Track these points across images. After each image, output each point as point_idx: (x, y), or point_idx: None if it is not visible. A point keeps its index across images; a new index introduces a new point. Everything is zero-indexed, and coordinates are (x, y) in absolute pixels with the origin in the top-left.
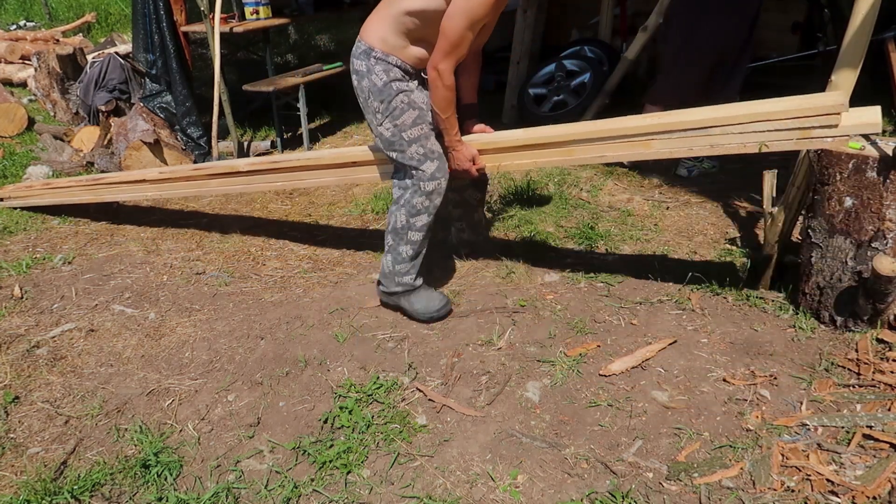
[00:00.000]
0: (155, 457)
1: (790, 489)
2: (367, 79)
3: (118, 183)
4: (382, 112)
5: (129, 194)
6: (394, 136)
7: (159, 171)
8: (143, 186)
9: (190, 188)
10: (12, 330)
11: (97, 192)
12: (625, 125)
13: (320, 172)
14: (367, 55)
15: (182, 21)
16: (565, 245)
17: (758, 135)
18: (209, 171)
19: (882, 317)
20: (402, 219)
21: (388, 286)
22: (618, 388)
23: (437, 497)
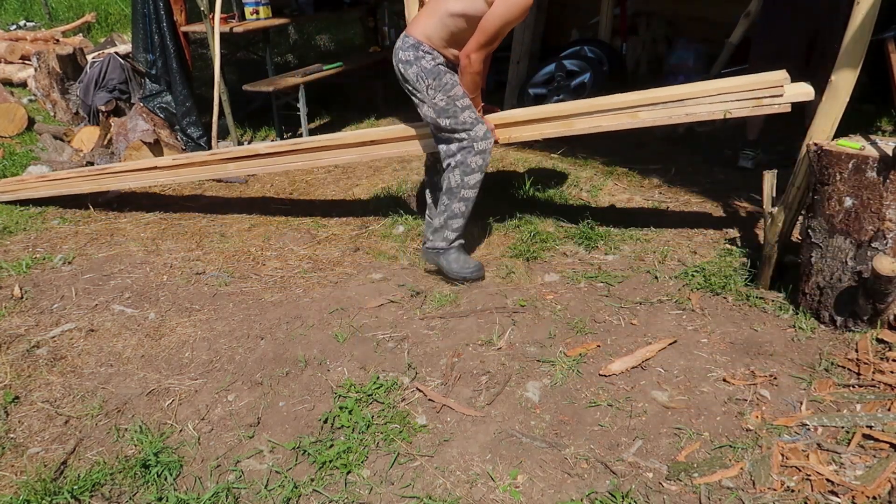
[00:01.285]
0: (155, 457)
1: (790, 489)
2: (416, 65)
3: (126, 171)
4: (435, 87)
5: (140, 182)
6: (448, 104)
7: (172, 158)
8: (155, 174)
9: (205, 173)
10: (12, 330)
11: (100, 181)
12: (616, 100)
13: (340, 151)
14: (416, 48)
15: (182, 21)
16: (565, 245)
17: (723, 104)
18: (227, 155)
19: (882, 317)
20: (457, 178)
21: (435, 241)
22: (618, 388)
23: (437, 497)
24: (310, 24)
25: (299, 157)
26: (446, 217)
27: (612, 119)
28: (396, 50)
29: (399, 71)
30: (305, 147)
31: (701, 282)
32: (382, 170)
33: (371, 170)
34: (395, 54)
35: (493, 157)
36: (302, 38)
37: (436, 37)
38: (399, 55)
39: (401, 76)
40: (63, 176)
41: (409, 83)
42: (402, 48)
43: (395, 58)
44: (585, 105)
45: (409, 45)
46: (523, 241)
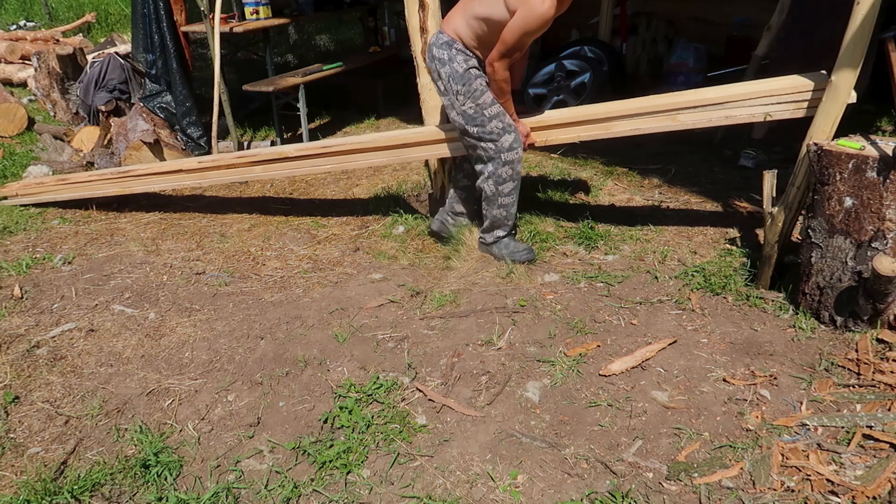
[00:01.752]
0: (155, 457)
1: (790, 489)
2: (449, 66)
3: (151, 174)
4: (464, 94)
5: (164, 185)
6: (476, 113)
7: (198, 161)
8: (180, 176)
9: (231, 176)
10: (12, 330)
11: (124, 184)
12: (655, 102)
13: (371, 154)
14: (449, 46)
15: (182, 21)
16: (565, 245)
17: (763, 107)
18: (254, 157)
19: (882, 317)
20: (492, 187)
21: (486, 238)
22: (618, 388)
23: (437, 497)
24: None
25: (329, 160)
26: (490, 221)
27: (652, 122)
28: (430, 46)
29: (434, 68)
30: (336, 150)
31: (701, 282)
32: (382, 170)
33: (371, 170)
34: (428, 50)
35: None
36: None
37: (465, 36)
38: (433, 52)
39: (435, 73)
40: (85, 178)
41: (441, 81)
42: (437, 45)
43: (428, 53)
44: (624, 108)
45: (444, 42)
46: (523, 241)
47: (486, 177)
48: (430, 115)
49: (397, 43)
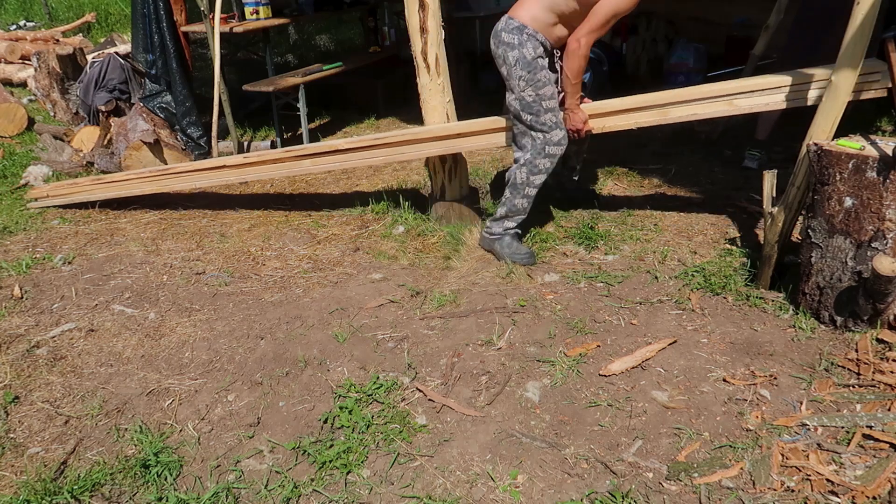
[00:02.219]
0: (155, 457)
1: (790, 489)
2: (518, 50)
3: (191, 171)
4: (527, 81)
5: (206, 182)
6: (535, 101)
7: (243, 157)
8: (223, 172)
9: (278, 170)
10: (12, 330)
11: (162, 182)
12: (711, 89)
13: (424, 145)
14: (520, 31)
15: (182, 21)
16: (565, 245)
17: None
18: (301, 151)
19: (882, 317)
20: (523, 176)
21: (493, 229)
22: (618, 388)
23: (437, 497)
24: (310, 24)
25: (381, 152)
26: (507, 210)
27: (708, 107)
28: (499, 31)
29: (500, 53)
30: (388, 141)
31: (701, 282)
32: (382, 170)
33: (371, 170)
34: (495, 35)
35: (493, 156)
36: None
37: (543, 17)
38: (502, 37)
39: (501, 58)
40: (120, 178)
41: (505, 66)
42: (506, 30)
43: (495, 38)
44: (680, 94)
45: (514, 27)
46: (523, 241)
47: (521, 164)
48: (430, 114)
49: (397, 43)
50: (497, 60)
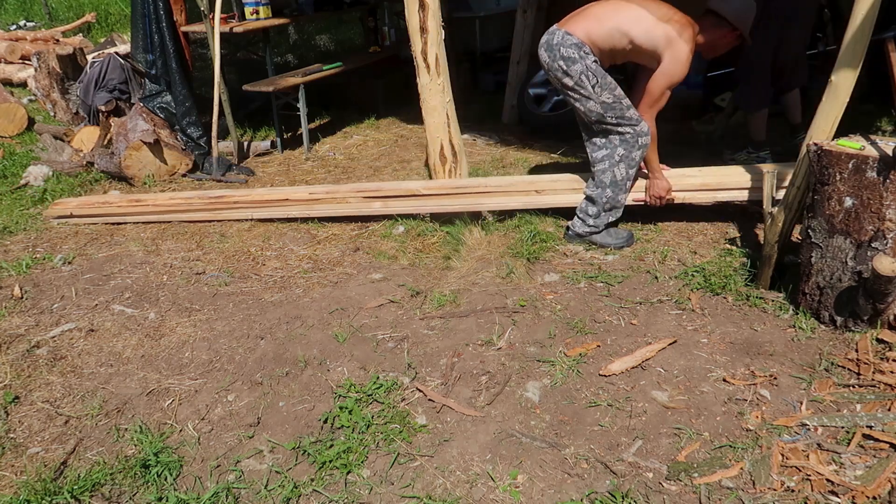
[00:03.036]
0: (155, 457)
1: (790, 489)
2: (581, 63)
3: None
4: (600, 85)
5: (266, 214)
6: (614, 101)
7: (309, 192)
8: (286, 208)
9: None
10: (12, 330)
11: (216, 212)
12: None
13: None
14: (579, 48)
15: (182, 21)
16: (565, 245)
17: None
18: (374, 193)
19: (882, 317)
20: (623, 171)
21: (597, 225)
22: (618, 388)
23: (437, 497)
24: (310, 24)
25: (459, 201)
26: (609, 206)
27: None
28: (555, 46)
29: (558, 66)
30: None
31: (701, 282)
32: (382, 170)
33: (371, 170)
34: (552, 48)
35: (493, 156)
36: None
37: (599, 44)
38: (561, 51)
39: (560, 71)
40: (165, 202)
41: (570, 78)
42: (564, 45)
43: (551, 52)
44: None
45: (573, 43)
46: (523, 241)
47: (616, 161)
48: (430, 115)
49: (397, 43)
50: (554, 73)
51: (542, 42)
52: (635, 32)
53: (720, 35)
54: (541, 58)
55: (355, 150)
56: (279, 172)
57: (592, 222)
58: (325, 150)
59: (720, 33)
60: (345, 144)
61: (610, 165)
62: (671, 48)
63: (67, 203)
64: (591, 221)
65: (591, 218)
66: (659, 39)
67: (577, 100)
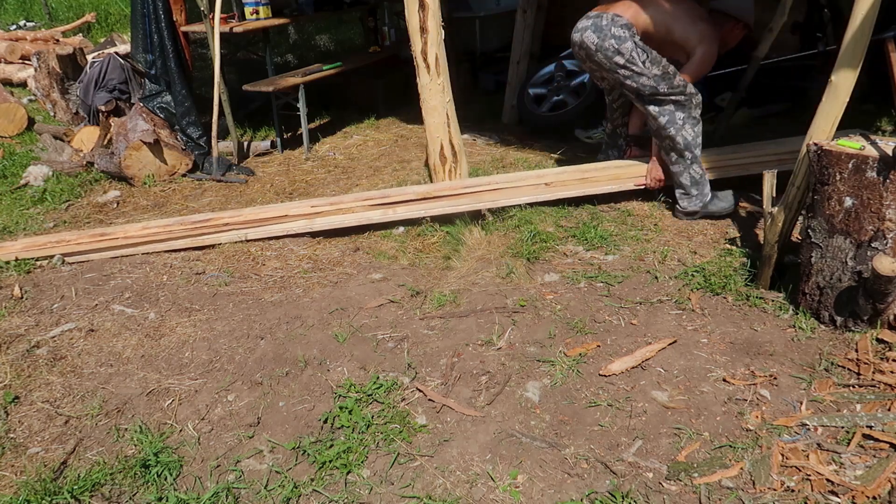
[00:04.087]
0: (155, 457)
1: (790, 489)
2: (631, 41)
3: (245, 224)
4: (650, 60)
5: (265, 232)
6: (663, 72)
7: (311, 205)
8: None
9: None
10: (12, 330)
11: (203, 237)
12: None
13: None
14: (628, 28)
15: (182, 21)
16: (565, 245)
17: None
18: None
19: (882, 317)
20: (689, 133)
21: (703, 194)
22: (618, 388)
23: (437, 497)
24: (310, 24)
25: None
26: (700, 172)
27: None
28: (605, 26)
29: (609, 45)
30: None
31: (701, 282)
32: (382, 170)
33: (371, 170)
34: (601, 29)
35: (493, 156)
36: (302, 38)
37: (641, 27)
38: (612, 31)
39: (610, 50)
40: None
41: (622, 56)
42: (615, 24)
43: (600, 32)
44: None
45: (623, 24)
46: (523, 241)
47: (680, 126)
48: (430, 115)
49: (397, 43)
50: (604, 52)
51: (584, 26)
52: (676, 25)
53: (727, 30)
54: (585, 41)
55: (355, 150)
56: (279, 172)
57: (696, 191)
58: (325, 150)
59: (727, 28)
60: (345, 144)
61: (676, 130)
62: (703, 45)
63: (9, 246)
64: (695, 191)
65: (694, 188)
66: (694, 35)
67: (629, 77)
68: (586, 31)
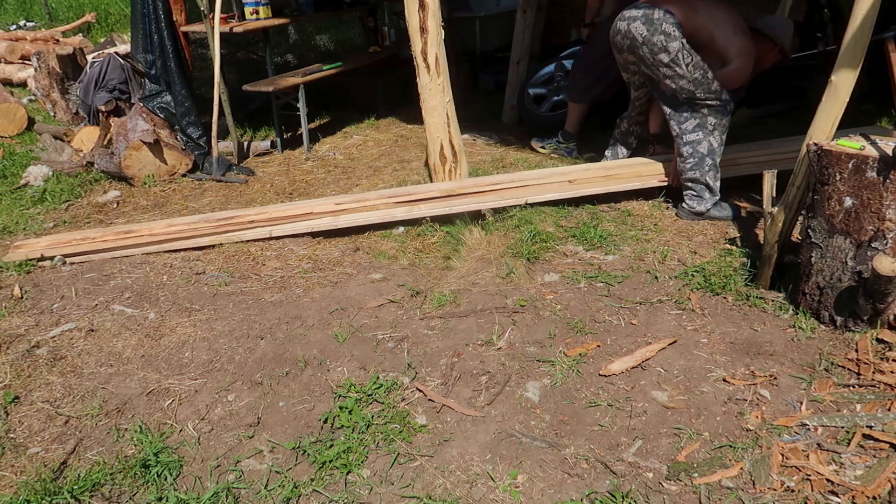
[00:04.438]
0: (155, 457)
1: (790, 489)
2: (679, 41)
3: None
4: (693, 64)
5: (290, 229)
6: (703, 77)
7: (335, 202)
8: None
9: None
10: (12, 330)
11: (228, 234)
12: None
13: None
14: (679, 27)
15: (182, 21)
16: (565, 245)
17: None
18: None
19: (882, 317)
20: (718, 139)
21: (713, 198)
22: (618, 388)
23: (437, 497)
24: (310, 24)
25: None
26: (713, 178)
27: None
28: (657, 21)
29: (658, 41)
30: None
31: (701, 282)
32: (382, 170)
33: (371, 170)
34: (652, 22)
35: (493, 156)
36: (302, 38)
37: (689, 29)
38: (663, 27)
39: (659, 46)
40: (161, 233)
41: (668, 54)
42: (667, 21)
43: (651, 25)
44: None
45: (674, 22)
46: (523, 241)
47: (709, 131)
48: (430, 115)
49: (397, 43)
50: (650, 47)
51: (632, 16)
52: (720, 33)
53: (764, 50)
54: (633, 31)
55: (355, 150)
56: (279, 172)
57: (708, 195)
58: (325, 150)
59: (764, 49)
60: (345, 144)
61: (705, 135)
62: (741, 59)
63: (34, 243)
64: (707, 195)
65: (707, 192)
66: (734, 47)
67: (670, 77)
68: (635, 21)
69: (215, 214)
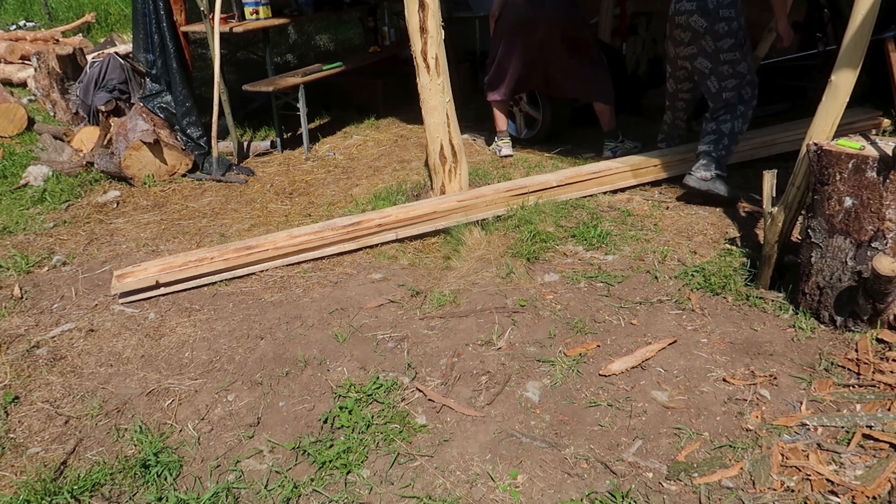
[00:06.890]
0: (155, 457)
1: (790, 489)
2: (738, 21)
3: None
4: (748, 47)
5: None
6: (751, 66)
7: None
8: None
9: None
10: (12, 330)
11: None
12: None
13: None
14: (734, 5)
15: (182, 21)
16: (565, 245)
17: None
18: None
19: (882, 317)
20: (740, 125)
21: (720, 170)
22: (618, 388)
23: (437, 497)
24: (310, 24)
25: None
26: (726, 153)
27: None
28: (712, 10)
29: (727, 14)
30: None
31: (701, 282)
32: (382, 170)
33: (371, 170)
34: (707, 14)
35: (493, 156)
36: (302, 38)
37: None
38: (721, 13)
39: (722, 22)
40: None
41: (725, 29)
42: (723, 6)
43: (707, 17)
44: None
45: (728, 3)
46: (523, 241)
47: (736, 115)
48: (430, 115)
49: (397, 43)
50: (715, 26)
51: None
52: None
53: None
54: (692, 24)
55: (355, 150)
56: (279, 172)
57: (716, 166)
58: (325, 150)
59: None
60: (345, 144)
61: (732, 118)
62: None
63: (143, 271)
64: (714, 163)
65: (718, 167)
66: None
67: (735, 61)
68: (693, 14)
69: (339, 221)
